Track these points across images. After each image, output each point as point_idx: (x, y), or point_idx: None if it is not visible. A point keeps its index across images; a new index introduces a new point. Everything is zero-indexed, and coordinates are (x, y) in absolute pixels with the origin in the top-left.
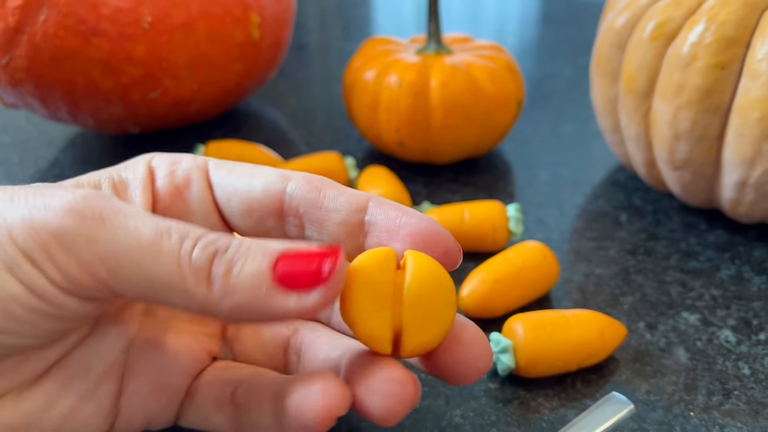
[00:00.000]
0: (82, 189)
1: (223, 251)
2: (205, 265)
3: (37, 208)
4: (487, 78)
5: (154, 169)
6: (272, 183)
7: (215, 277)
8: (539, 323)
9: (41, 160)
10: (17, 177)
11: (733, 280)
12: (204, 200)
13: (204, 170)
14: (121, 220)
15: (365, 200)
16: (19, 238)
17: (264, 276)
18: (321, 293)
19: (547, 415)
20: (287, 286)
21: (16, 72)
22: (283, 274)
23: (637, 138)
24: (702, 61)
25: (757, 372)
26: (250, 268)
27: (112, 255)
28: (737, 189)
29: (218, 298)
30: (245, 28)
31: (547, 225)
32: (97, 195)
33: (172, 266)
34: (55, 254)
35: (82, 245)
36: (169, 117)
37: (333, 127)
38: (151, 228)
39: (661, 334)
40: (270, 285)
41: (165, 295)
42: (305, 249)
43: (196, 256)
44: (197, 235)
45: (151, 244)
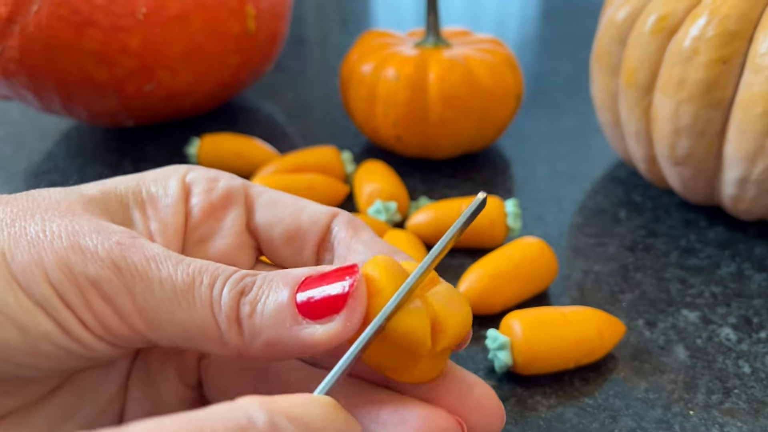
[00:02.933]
0: (115, 233)
1: (249, 290)
2: (233, 308)
3: (74, 251)
4: (485, 72)
5: (190, 185)
6: (319, 215)
7: (243, 319)
8: (537, 320)
9: (35, 153)
10: (10, 170)
11: (733, 277)
12: (236, 223)
13: (243, 193)
14: (154, 269)
15: (389, 252)
16: (56, 280)
17: (286, 310)
18: (345, 317)
19: (544, 413)
20: (311, 316)
21: (9, 63)
22: (305, 306)
23: (637, 133)
24: (704, 55)
25: (758, 370)
26: (273, 304)
27: (148, 307)
28: (738, 185)
29: (249, 340)
30: (241, 20)
31: (546, 221)
32: (130, 241)
33: (207, 314)
34: (94, 302)
35: (119, 297)
36: (164, 110)
37: (330, 122)
38: (183, 274)
39: (660, 332)
40: (294, 318)
41: (200, 342)
42: (322, 271)
43: (225, 299)
44: (226, 274)
45: (185, 292)
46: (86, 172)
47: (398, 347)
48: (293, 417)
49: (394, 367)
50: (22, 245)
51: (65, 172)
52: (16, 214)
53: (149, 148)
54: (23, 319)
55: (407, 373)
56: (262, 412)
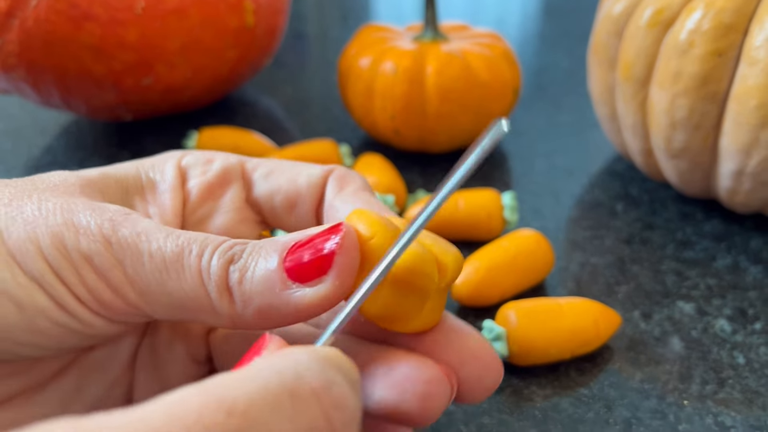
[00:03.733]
0: (108, 210)
1: (238, 257)
2: (222, 276)
3: (67, 227)
4: (483, 66)
5: (186, 169)
6: (315, 177)
7: (233, 287)
8: (533, 311)
9: (34, 148)
10: (10, 164)
11: (729, 269)
12: (237, 198)
13: (239, 170)
14: (143, 242)
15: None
16: (50, 255)
17: (275, 274)
18: (333, 279)
19: (540, 404)
20: (299, 279)
21: (8, 57)
22: (291, 268)
23: (634, 126)
24: (699, 48)
25: (752, 361)
26: (261, 270)
27: (140, 279)
28: (734, 178)
29: (241, 308)
30: (239, 14)
31: (543, 214)
32: (121, 218)
33: (196, 282)
34: (87, 276)
35: (112, 270)
36: (162, 104)
37: (329, 116)
38: (172, 245)
39: (655, 323)
40: (283, 282)
41: (194, 313)
42: (309, 234)
43: (214, 267)
44: (215, 243)
45: (174, 262)
46: (86, 166)
47: (406, 291)
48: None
49: (397, 317)
50: (18, 223)
51: (65, 166)
52: (14, 195)
53: (148, 141)
54: (20, 295)
55: (410, 321)
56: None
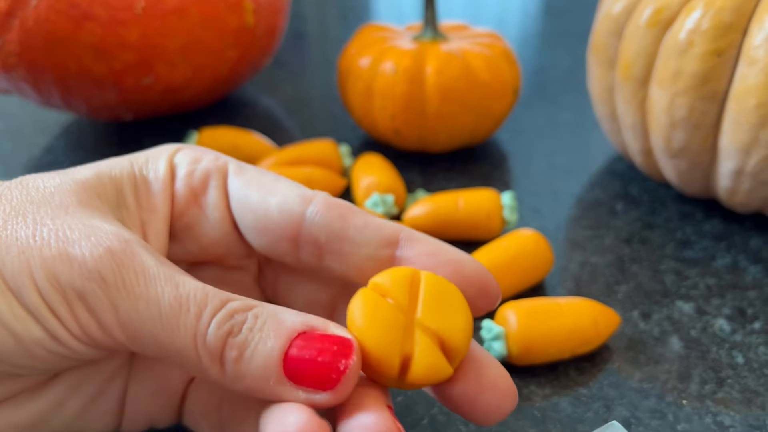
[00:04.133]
0: (105, 238)
1: (237, 331)
2: (218, 347)
3: (61, 260)
4: (483, 65)
5: (175, 166)
6: (290, 204)
7: (227, 361)
8: (532, 311)
9: (35, 147)
10: (10, 164)
11: (728, 269)
12: (219, 209)
13: (223, 174)
14: (142, 287)
15: (395, 233)
16: (43, 288)
17: (274, 368)
18: (330, 396)
19: (539, 403)
20: (296, 381)
21: (8, 57)
22: (293, 370)
23: (633, 126)
24: (699, 47)
25: (751, 361)
26: (260, 357)
27: (131, 323)
28: (733, 177)
29: (230, 380)
30: (239, 14)
31: (543, 214)
32: (119, 249)
33: (189, 343)
34: (79, 313)
35: (103, 310)
36: (162, 103)
37: (329, 116)
38: (170, 298)
39: (655, 323)
40: (279, 377)
41: (181, 364)
42: (320, 333)
43: (211, 335)
44: (215, 306)
45: (170, 316)
46: None
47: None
48: None
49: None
50: (12, 251)
51: (65, 165)
52: (8, 215)
53: (148, 141)
54: (16, 326)
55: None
56: None
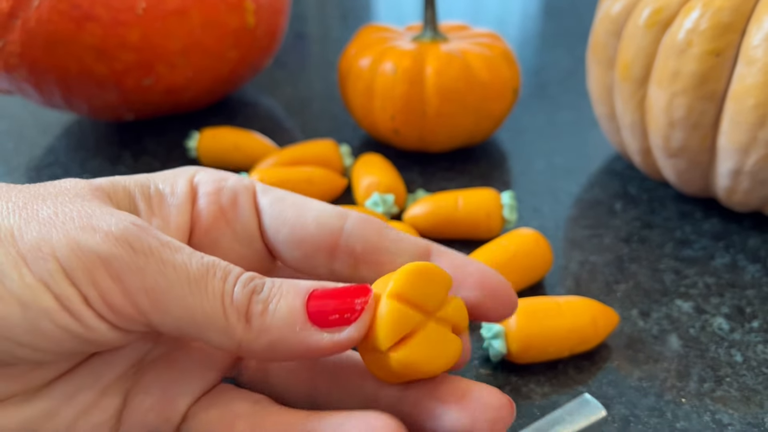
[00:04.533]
0: (128, 217)
1: (259, 290)
2: (244, 304)
3: (84, 230)
4: (482, 65)
5: (197, 186)
6: (328, 218)
7: (253, 315)
8: (531, 309)
9: (36, 147)
10: (12, 164)
11: (727, 268)
12: (249, 225)
13: (252, 192)
14: (168, 254)
15: (428, 246)
16: (63, 257)
17: (298, 314)
18: (353, 330)
19: (538, 401)
20: (320, 324)
21: (10, 57)
22: (315, 312)
23: (632, 125)
24: (697, 47)
25: (750, 359)
26: (285, 307)
27: (158, 288)
28: (732, 177)
29: (255, 335)
30: (240, 15)
31: (542, 213)
32: (144, 225)
33: (216, 303)
34: (100, 280)
35: (130, 275)
36: (163, 104)
37: (329, 116)
38: (197, 264)
39: (654, 322)
40: (304, 323)
41: (204, 330)
42: (335, 287)
43: (237, 294)
44: (238, 272)
45: (198, 279)
46: (87, 166)
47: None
48: None
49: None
50: (32, 225)
51: (66, 165)
52: (28, 199)
53: (149, 141)
54: (25, 294)
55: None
56: None
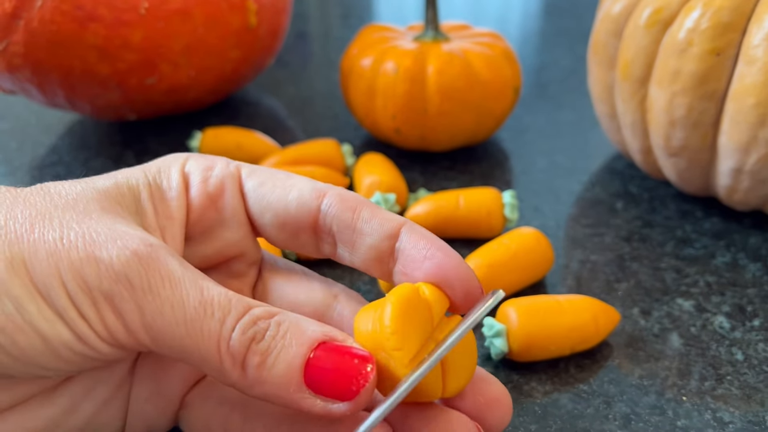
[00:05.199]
0: (132, 241)
1: (260, 338)
2: (241, 353)
3: (89, 263)
4: (483, 65)
5: (188, 175)
6: (306, 198)
7: (249, 366)
8: (532, 308)
9: (39, 147)
10: (15, 163)
11: (728, 267)
12: (236, 210)
13: (237, 178)
14: (167, 290)
15: (398, 226)
16: (72, 290)
17: (295, 375)
18: (347, 407)
19: (540, 400)
20: (315, 390)
21: (13, 57)
22: (313, 379)
23: (633, 125)
24: (698, 47)
25: (751, 357)
26: (282, 364)
27: (155, 326)
28: (733, 176)
29: (250, 385)
30: (242, 15)
31: (543, 212)
32: (146, 253)
33: (212, 346)
34: (104, 314)
35: (129, 312)
36: (166, 104)
37: (331, 115)
38: (195, 301)
39: (655, 320)
40: (299, 385)
41: (201, 367)
42: (342, 345)
43: (234, 341)
44: (239, 312)
45: (194, 320)
46: (90, 165)
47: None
48: None
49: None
50: (41, 254)
51: (69, 165)
52: (35, 218)
53: (152, 141)
54: (45, 328)
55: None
56: None
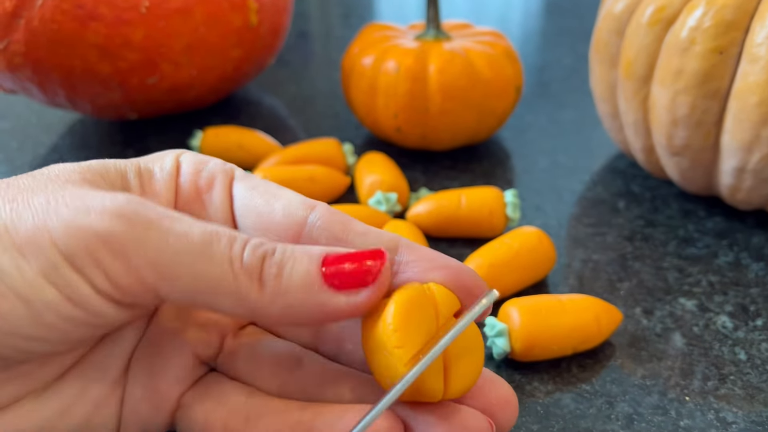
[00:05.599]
0: (122, 194)
1: (271, 254)
2: (256, 267)
3: (80, 212)
4: (485, 64)
5: (181, 164)
6: (294, 208)
7: (267, 278)
8: (535, 307)
9: (40, 146)
10: (16, 163)
11: (731, 266)
12: (222, 208)
13: (229, 178)
14: (168, 223)
15: (395, 240)
16: (63, 243)
17: (315, 276)
18: (371, 291)
19: (542, 399)
20: (336, 286)
21: (14, 57)
22: (332, 274)
23: (635, 124)
24: (700, 45)
25: (754, 357)
26: (301, 270)
27: (162, 258)
28: (735, 175)
29: (270, 299)
30: (243, 14)
31: (545, 212)
32: (139, 199)
33: (224, 268)
34: (103, 259)
35: (132, 249)
36: (167, 103)
37: (332, 114)
38: (200, 231)
39: (657, 320)
40: (321, 285)
41: (215, 297)
42: (349, 252)
43: (248, 257)
44: (244, 238)
45: (202, 246)
46: None
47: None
48: None
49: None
50: (26, 217)
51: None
52: (18, 191)
53: (153, 140)
54: (26, 291)
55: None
56: None
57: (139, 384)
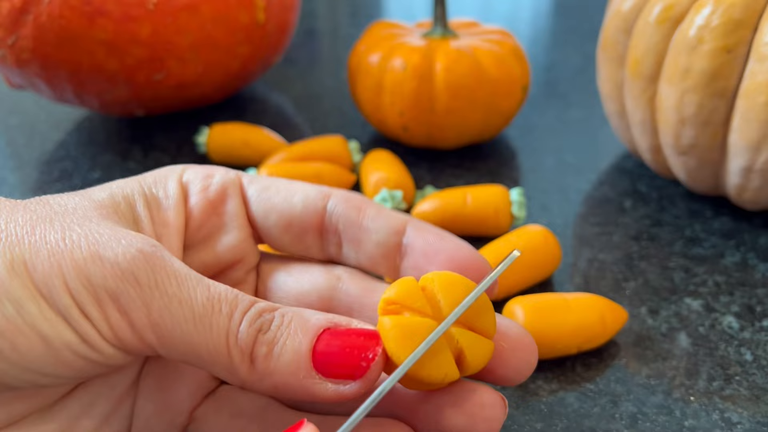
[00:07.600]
0: (135, 241)
1: (266, 328)
2: (249, 345)
3: (93, 261)
4: (492, 62)
5: (186, 185)
6: (312, 199)
7: (257, 357)
8: (539, 306)
9: (48, 142)
10: (23, 158)
11: (737, 266)
12: (239, 215)
13: (238, 185)
14: (174, 287)
15: (403, 222)
16: (75, 289)
17: (303, 360)
18: (359, 385)
19: (546, 398)
20: (325, 374)
21: (22, 52)
22: (321, 363)
23: (642, 123)
24: (708, 44)
25: (760, 358)
26: (289, 351)
27: (163, 324)
28: (743, 175)
29: (259, 378)
30: (250, 11)
31: (551, 210)
32: (151, 251)
33: (221, 341)
34: (110, 313)
35: (136, 310)
36: (174, 99)
37: (338, 112)
38: (203, 298)
39: (663, 320)
40: (308, 370)
41: (209, 366)
42: (347, 328)
43: (242, 332)
44: (245, 306)
45: (203, 315)
46: (98, 161)
47: (418, 385)
48: None
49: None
50: (42, 254)
51: (77, 160)
52: (36, 221)
53: (159, 137)
54: (46, 329)
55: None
56: None
57: (150, 398)
